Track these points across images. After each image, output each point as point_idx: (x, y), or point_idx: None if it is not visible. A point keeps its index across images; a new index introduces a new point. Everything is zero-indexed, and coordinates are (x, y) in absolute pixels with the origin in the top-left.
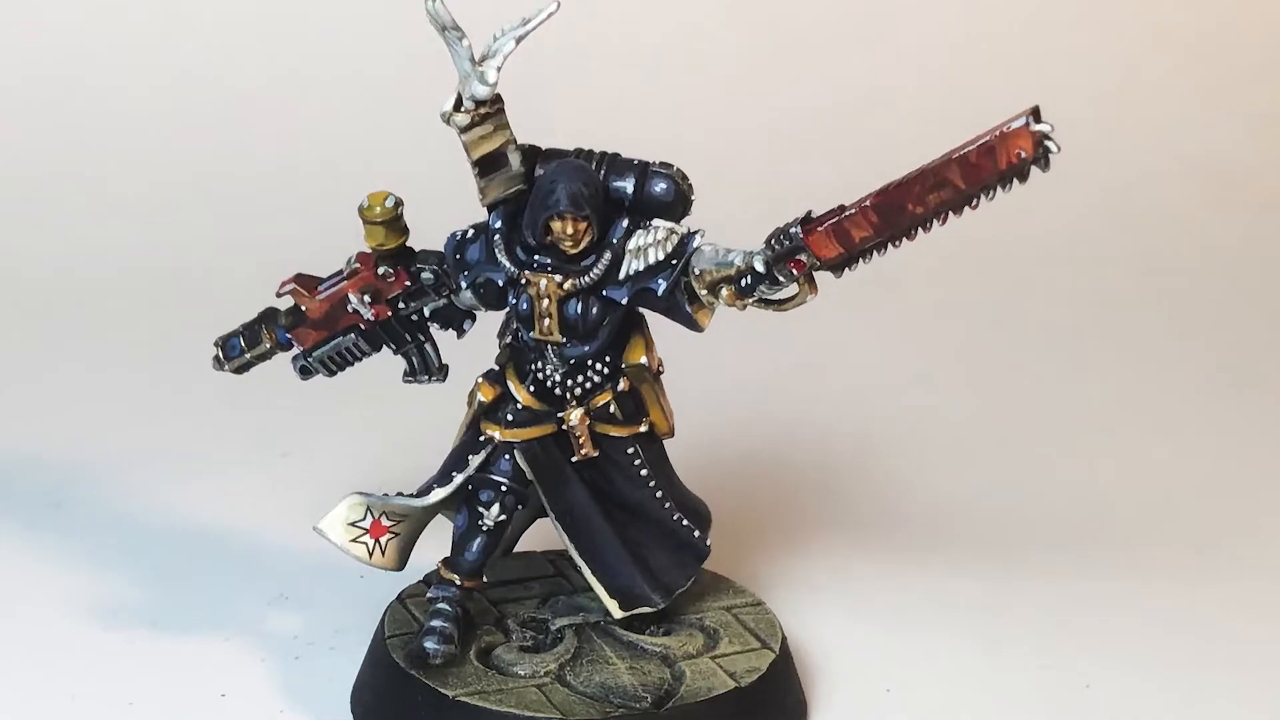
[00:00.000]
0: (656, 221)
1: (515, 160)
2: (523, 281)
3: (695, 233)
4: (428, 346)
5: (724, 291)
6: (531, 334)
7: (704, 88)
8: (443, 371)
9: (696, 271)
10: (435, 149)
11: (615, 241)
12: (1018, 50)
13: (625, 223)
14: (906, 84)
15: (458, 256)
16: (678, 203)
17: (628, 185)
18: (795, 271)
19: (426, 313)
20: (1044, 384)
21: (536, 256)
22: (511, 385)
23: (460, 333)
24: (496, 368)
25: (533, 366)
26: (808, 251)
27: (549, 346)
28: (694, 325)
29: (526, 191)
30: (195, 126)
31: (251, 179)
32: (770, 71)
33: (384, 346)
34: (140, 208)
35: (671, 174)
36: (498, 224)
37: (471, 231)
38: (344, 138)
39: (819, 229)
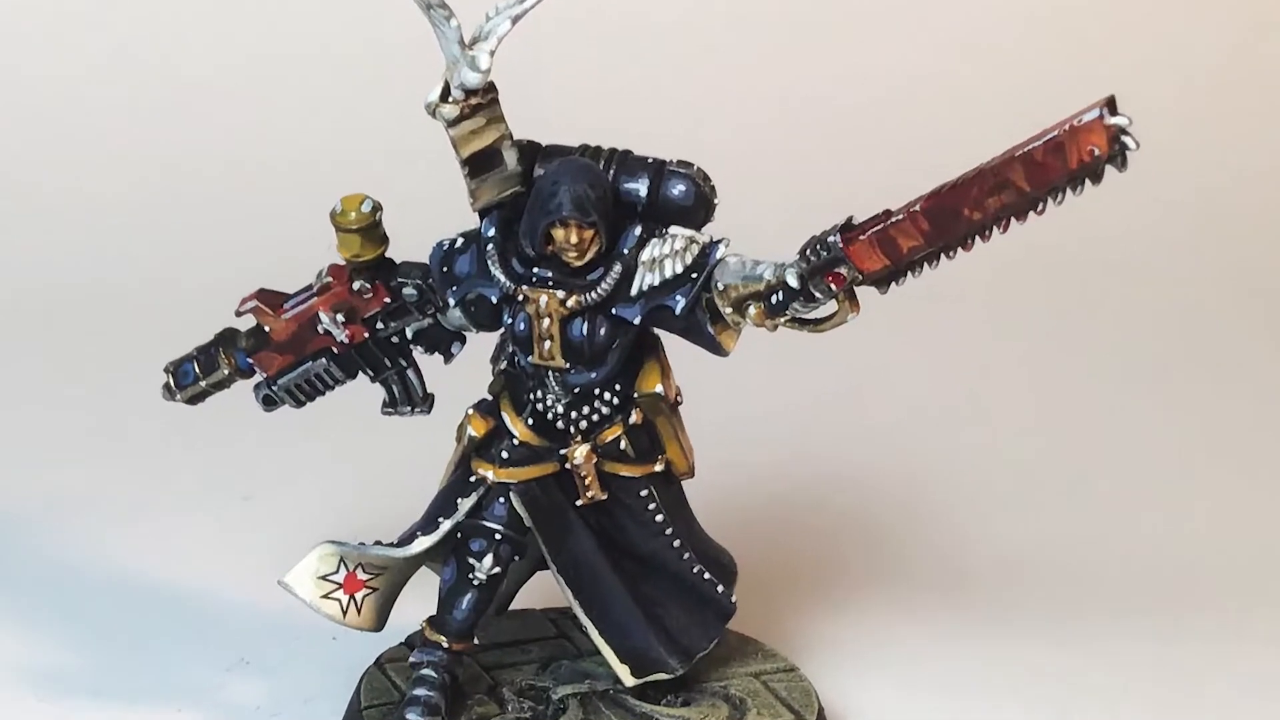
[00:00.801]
0: (674, 229)
1: (511, 158)
2: (520, 298)
3: (719, 242)
4: (410, 373)
5: (752, 309)
6: (530, 358)
7: (726, 75)
8: (427, 402)
9: (720, 286)
10: (419, 145)
11: (626, 252)
12: (1089, 31)
13: (638, 230)
14: (958, 70)
15: (445, 269)
16: (698, 207)
17: (641, 187)
18: (834, 286)
19: (409, 334)
20: (1120, 417)
21: (536, 269)
22: (507, 418)
23: (448, 357)
24: (489, 397)
25: (531, 396)
26: (848, 264)
27: (550, 373)
28: (717, 348)
29: (524, 194)
30: (136, 117)
31: (206, 178)
32: (800, 56)
33: (360, 373)
34: (76, 211)
35: (691, 174)
36: (491, 232)
37: (461, 240)
38: (314, 132)
39: (861, 238)
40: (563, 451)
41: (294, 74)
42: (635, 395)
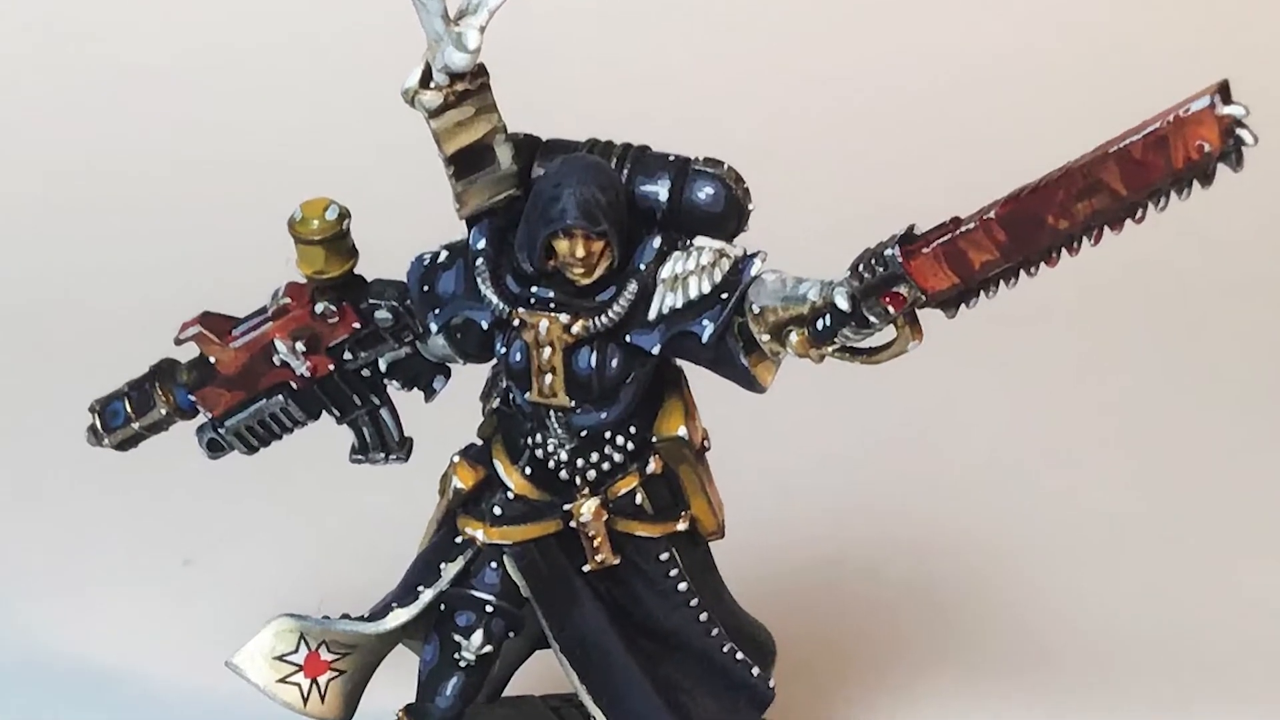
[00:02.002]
0: (701, 240)
1: (505, 155)
2: (515, 323)
3: (754, 256)
4: (384, 413)
5: (793, 336)
6: (528, 395)
7: (761, 55)
8: (404, 447)
9: (756, 309)
10: (395, 139)
11: (643, 268)
12: (1201, 4)
13: (657, 241)
14: (1042, 49)
15: (425, 289)
16: (730, 214)
17: (661, 190)
18: (891, 309)
19: (383, 366)
20: (1233, 464)
21: (534, 288)
22: (500, 467)
23: (429, 394)
24: (479, 442)
25: (530, 441)
26: (909, 282)
27: (552, 413)
28: (752, 383)
29: (520, 199)
30: (51, 107)
31: (136, 178)
32: (850, 32)
33: (324, 413)
34: None
35: (720, 174)
36: (481, 244)
37: (445, 254)
38: (269, 124)
39: (924, 251)
40: (567, 507)
41: (247, 56)
42: (654, 439)
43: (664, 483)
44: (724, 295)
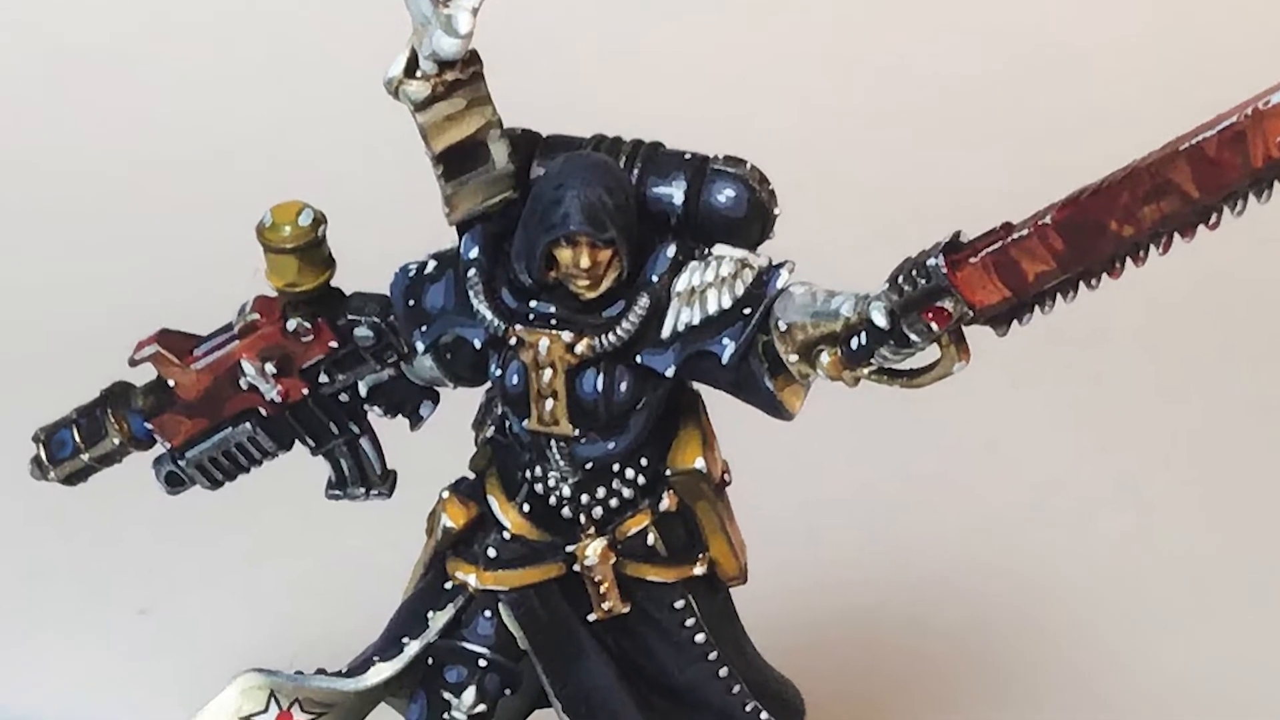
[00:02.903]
0: (720, 249)
1: (500, 153)
2: (512, 342)
3: (780, 266)
4: (364, 443)
5: (825, 357)
6: (526, 423)
7: (787, 42)
8: (387, 481)
9: (783, 326)
10: (376, 135)
11: (656, 280)
12: None
13: (671, 250)
14: (1108, 31)
15: (411, 303)
16: (753, 219)
17: (675, 192)
18: (935, 326)
19: (363, 390)
20: None
21: (534, 303)
22: (495, 503)
23: (415, 421)
24: (471, 476)
25: (528, 474)
26: (954, 295)
27: (553, 443)
28: (778, 409)
29: (518, 202)
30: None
31: (83, 176)
32: (888, 17)
33: (297, 443)
34: None
35: (743, 175)
36: (473, 253)
37: (432, 264)
38: (238, 117)
39: (972, 260)
40: (570, 549)
41: (205, 34)
42: (668, 472)
43: (679, 521)
44: (746, 310)
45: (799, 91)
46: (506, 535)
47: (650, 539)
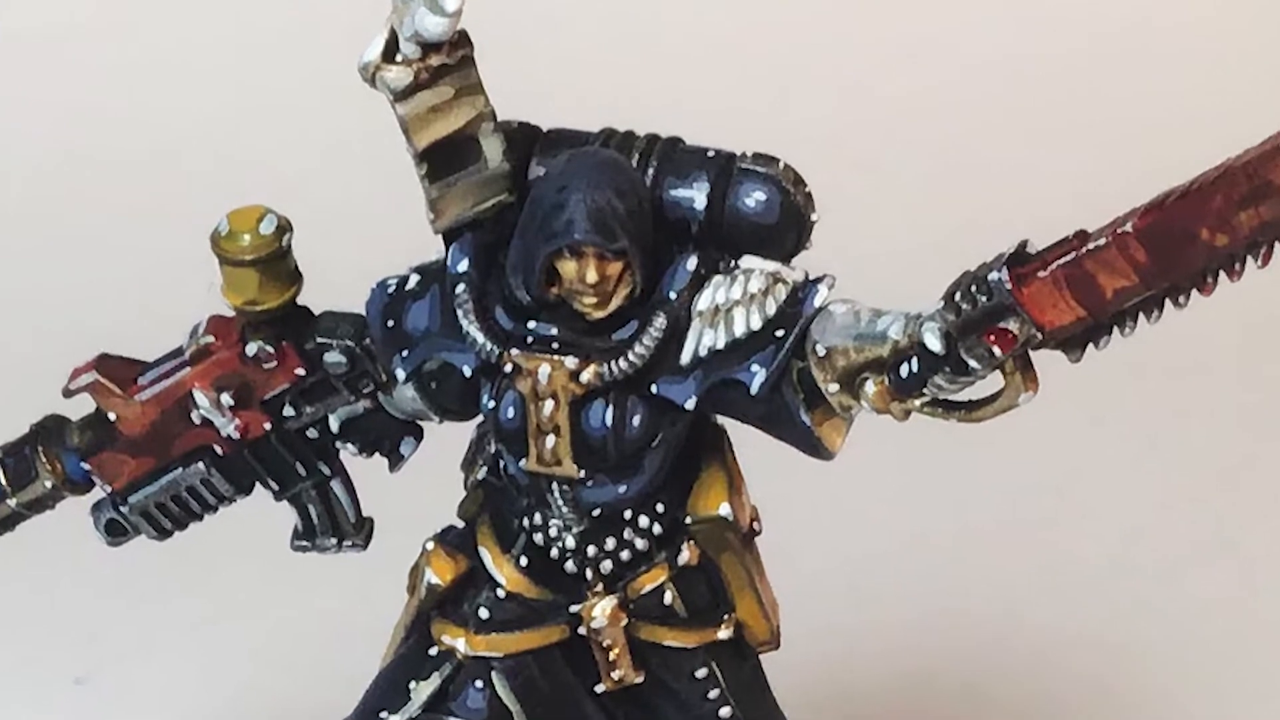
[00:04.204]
0: (749, 261)
1: (493, 150)
2: (507, 369)
3: (818, 281)
4: (335, 486)
5: (870, 386)
6: (524, 463)
7: (826, 22)
8: (361, 531)
9: (821, 351)
10: (349, 129)
11: (674, 297)
12: None
13: (692, 262)
14: (1198, 11)
15: (390, 324)
16: (786, 225)
17: (697, 195)
18: (998, 350)
19: (335, 425)
20: None
21: (533, 323)
22: (488, 556)
23: (395, 461)
24: (461, 524)
25: (526, 522)
26: (1020, 315)
27: (555, 486)
28: (816, 446)
29: (514, 207)
30: None
31: (17, 182)
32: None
33: (258, 486)
34: None
35: (774, 175)
36: (462, 265)
37: (415, 279)
38: (190, 108)
39: (1041, 275)
40: (575, 608)
41: (152, 14)
42: (688, 520)
43: (701, 577)
44: (779, 332)
45: (840, 76)
46: (501, 593)
47: (667, 597)
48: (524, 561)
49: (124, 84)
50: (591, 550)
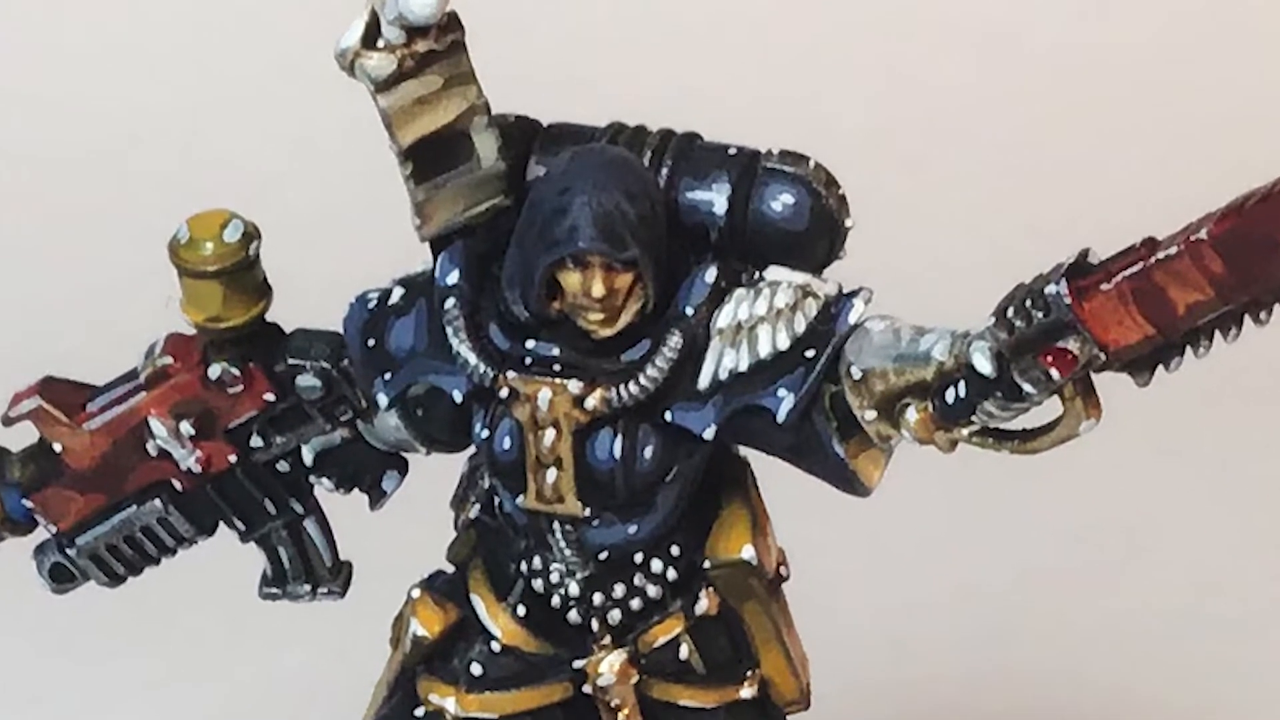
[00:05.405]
0: (776, 272)
1: (487, 147)
2: (503, 394)
3: (853, 295)
4: (309, 525)
5: (912, 413)
6: (521, 500)
7: (857, 6)
8: (339, 575)
9: (857, 374)
10: (323, 123)
11: (691, 313)
12: None
13: (711, 273)
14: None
15: (370, 343)
16: (817, 232)
17: (717, 198)
18: (1056, 373)
19: (308, 457)
20: None
21: (532, 342)
22: (481, 605)
23: (376, 498)
24: (450, 570)
25: (524, 567)
26: (1081, 332)
27: (556, 526)
28: (851, 481)
29: (511, 211)
30: None
31: None
32: None
33: (222, 525)
34: None
35: (804, 175)
36: (452, 277)
37: (399, 293)
38: (148, 103)
39: (1104, 288)
40: (579, 663)
41: (118, 12)
42: (706, 564)
43: (721, 629)
44: (809, 353)
45: (877, 64)
46: (496, 646)
47: (683, 651)
48: (522, 611)
49: (64, 69)
50: (598, 598)
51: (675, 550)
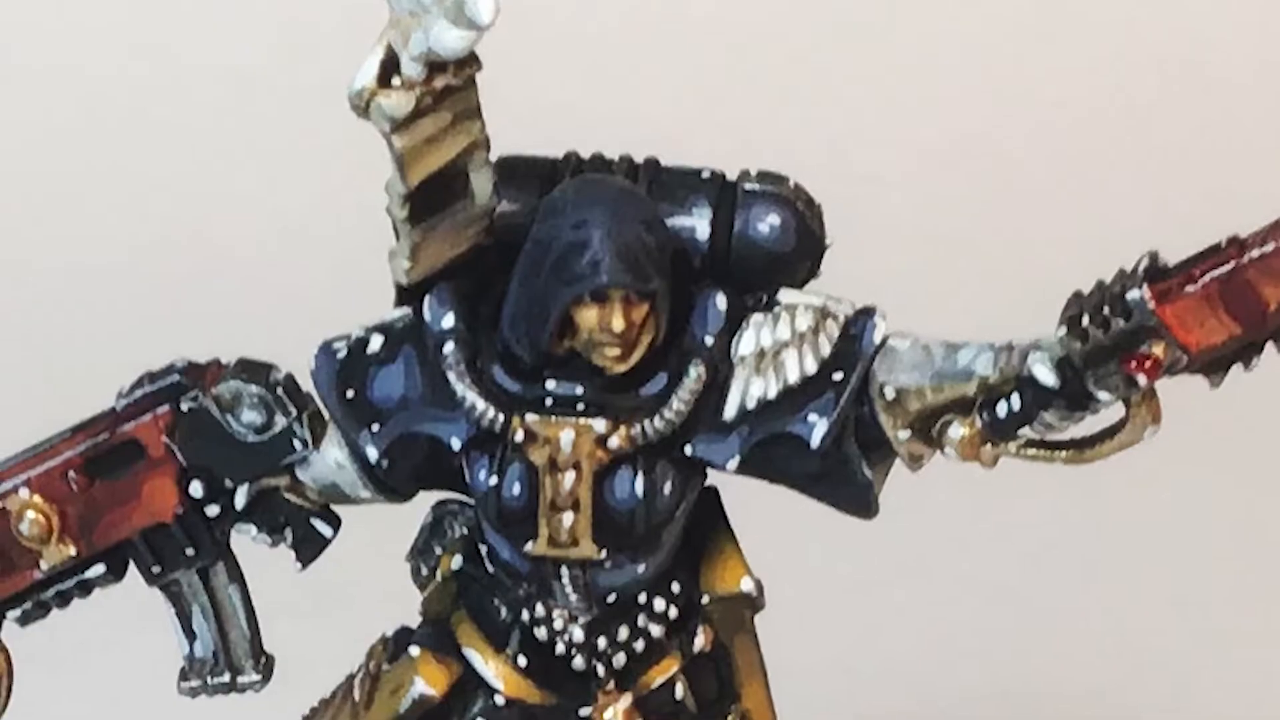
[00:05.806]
0: (790, 295)
1: (483, 184)
2: (518, 437)
3: (871, 313)
4: (232, 591)
5: (957, 430)
6: (530, 547)
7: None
8: (260, 666)
9: (891, 394)
10: (299, 141)
11: (709, 342)
12: None
13: (722, 300)
14: None
15: (349, 395)
16: (802, 252)
17: (699, 224)
18: (1142, 379)
19: (240, 500)
20: None
21: (552, 383)
22: (476, 658)
23: (306, 554)
24: (430, 627)
25: (526, 615)
26: (1165, 336)
27: (564, 571)
28: (868, 504)
29: (490, 250)
30: None
31: None
32: None
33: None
34: None
35: (786, 195)
36: (447, 321)
37: (377, 341)
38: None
39: (1189, 290)
40: (584, 711)
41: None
42: (704, 600)
43: (710, 665)
44: (836, 375)
45: (864, 85)
46: (500, 700)
47: (679, 691)
48: (523, 661)
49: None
50: (602, 642)
51: (676, 587)
